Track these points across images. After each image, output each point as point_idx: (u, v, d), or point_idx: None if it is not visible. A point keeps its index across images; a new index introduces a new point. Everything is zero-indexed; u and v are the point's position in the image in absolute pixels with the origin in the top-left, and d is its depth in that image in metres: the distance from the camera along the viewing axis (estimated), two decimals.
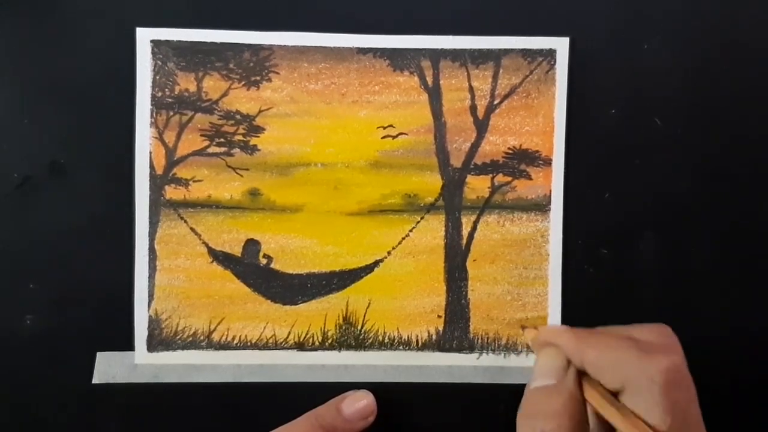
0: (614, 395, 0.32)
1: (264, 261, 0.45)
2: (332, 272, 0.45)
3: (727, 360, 0.45)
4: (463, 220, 0.45)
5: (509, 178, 0.45)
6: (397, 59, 0.45)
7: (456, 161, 0.45)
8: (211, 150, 0.44)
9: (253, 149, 0.44)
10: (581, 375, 0.33)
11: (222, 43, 0.44)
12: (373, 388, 0.44)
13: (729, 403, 0.45)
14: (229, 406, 0.44)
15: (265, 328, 0.44)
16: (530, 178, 0.45)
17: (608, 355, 0.32)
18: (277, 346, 0.44)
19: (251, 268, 0.45)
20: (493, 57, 0.45)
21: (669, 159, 0.45)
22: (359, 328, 0.45)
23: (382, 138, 0.45)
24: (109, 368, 0.44)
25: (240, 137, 0.44)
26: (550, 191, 0.45)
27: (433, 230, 0.45)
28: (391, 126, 0.45)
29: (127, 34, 0.44)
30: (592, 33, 0.45)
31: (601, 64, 0.45)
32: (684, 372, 0.32)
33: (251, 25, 0.44)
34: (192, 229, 0.44)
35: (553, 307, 0.45)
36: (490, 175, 0.45)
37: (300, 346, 0.45)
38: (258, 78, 0.44)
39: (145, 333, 0.44)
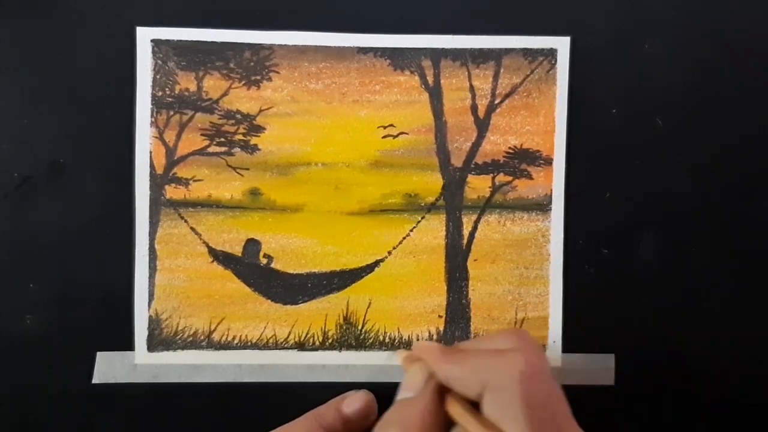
0: (478, 406, 0.33)
1: (264, 261, 0.45)
2: (333, 272, 0.45)
3: (727, 360, 0.45)
4: (464, 219, 0.45)
5: (510, 178, 0.45)
6: (398, 59, 0.44)
7: (457, 161, 0.45)
8: (211, 149, 0.44)
9: (254, 149, 0.44)
10: (446, 391, 0.34)
11: (222, 43, 0.44)
12: (374, 388, 0.44)
13: (729, 402, 0.45)
14: (229, 406, 0.44)
15: (265, 328, 0.44)
16: (531, 178, 0.45)
17: (466, 365, 0.33)
18: (277, 346, 0.44)
19: (252, 268, 0.44)
20: (494, 56, 0.45)
21: (670, 159, 0.45)
22: (360, 328, 0.45)
23: (382, 137, 0.45)
24: (109, 368, 0.44)
25: (240, 137, 0.44)
26: (551, 191, 0.45)
27: (433, 230, 0.45)
28: (391, 125, 0.45)
29: (127, 34, 0.44)
30: (593, 32, 0.45)
31: (602, 64, 0.45)
32: (542, 368, 0.32)
33: (252, 25, 0.44)
34: (192, 228, 0.44)
35: (554, 307, 0.45)
36: (491, 175, 0.45)
37: (300, 346, 0.44)
38: (258, 77, 0.44)
39: (145, 333, 0.44)
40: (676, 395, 0.45)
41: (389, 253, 0.45)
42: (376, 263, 0.45)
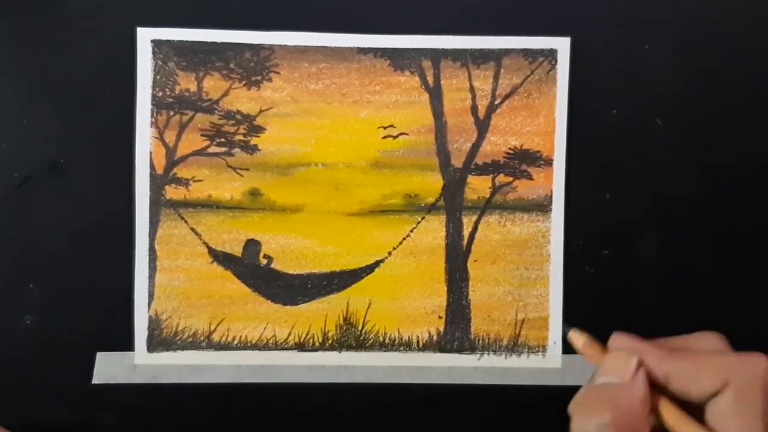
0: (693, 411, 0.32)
1: (264, 261, 0.45)
2: (333, 272, 0.45)
3: None
4: (464, 220, 0.45)
5: (510, 179, 0.45)
6: (398, 59, 0.44)
7: (457, 161, 0.45)
8: (211, 150, 0.44)
9: (254, 149, 0.44)
10: (657, 395, 0.33)
11: (223, 43, 0.44)
12: (374, 388, 0.44)
13: None
14: (229, 407, 0.44)
15: (265, 328, 0.44)
16: (531, 179, 0.45)
17: (704, 363, 0.33)
18: (277, 346, 0.44)
19: (251, 269, 0.44)
20: (494, 57, 0.45)
21: (670, 159, 0.45)
22: (360, 328, 0.45)
23: (382, 138, 0.45)
24: (109, 368, 0.44)
25: (240, 137, 0.44)
26: (552, 192, 0.45)
27: (433, 230, 0.45)
28: (391, 126, 0.45)
29: (127, 34, 0.44)
30: (593, 33, 0.45)
31: (602, 65, 0.45)
32: None
33: (252, 25, 0.44)
34: (192, 229, 0.44)
35: (555, 308, 0.45)
36: (491, 176, 0.45)
37: (300, 346, 0.44)
38: (259, 78, 0.44)
39: (145, 333, 0.44)
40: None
41: (389, 253, 0.45)
42: (376, 264, 0.45)
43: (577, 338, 0.38)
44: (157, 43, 0.44)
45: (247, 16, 0.44)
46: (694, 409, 0.33)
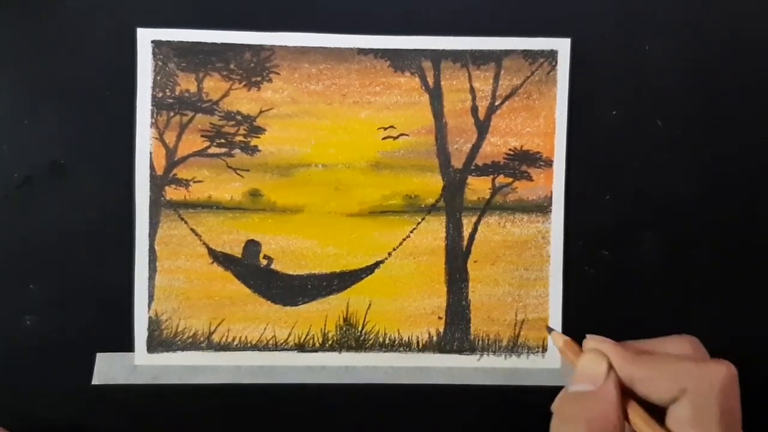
0: (659, 414, 0.33)
1: (264, 262, 0.45)
2: (333, 273, 0.45)
3: (727, 360, 0.45)
4: (464, 221, 0.45)
5: (510, 179, 0.45)
6: (398, 60, 0.44)
7: (457, 162, 0.45)
8: (211, 151, 0.44)
9: (254, 150, 0.44)
10: (626, 398, 0.34)
11: (223, 44, 0.44)
12: (374, 389, 0.44)
13: None
14: (228, 408, 0.44)
15: (265, 329, 0.44)
16: (531, 180, 0.45)
17: (663, 368, 0.33)
18: (277, 347, 0.44)
19: (251, 269, 0.44)
20: (495, 58, 0.45)
21: (670, 160, 0.45)
22: (360, 329, 0.45)
23: (383, 139, 0.45)
24: (109, 369, 0.44)
25: (240, 138, 0.44)
26: (551, 192, 0.45)
27: (433, 231, 0.45)
28: (392, 127, 0.45)
29: (127, 35, 0.44)
30: (594, 34, 0.45)
31: (602, 66, 0.45)
32: (736, 379, 0.33)
33: (252, 26, 0.44)
34: (192, 229, 0.44)
35: (554, 309, 0.45)
36: (491, 176, 0.45)
37: (300, 347, 0.44)
38: (259, 78, 0.44)
39: (145, 334, 0.44)
40: None
41: (389, 254, 0.45)
42: (376, 264, 0.45)
43: (558, 338, 0.38)
44: (157, 44, 0.44)
45: (247, 16, 0.44)
46: (664, 412, 0.33)
